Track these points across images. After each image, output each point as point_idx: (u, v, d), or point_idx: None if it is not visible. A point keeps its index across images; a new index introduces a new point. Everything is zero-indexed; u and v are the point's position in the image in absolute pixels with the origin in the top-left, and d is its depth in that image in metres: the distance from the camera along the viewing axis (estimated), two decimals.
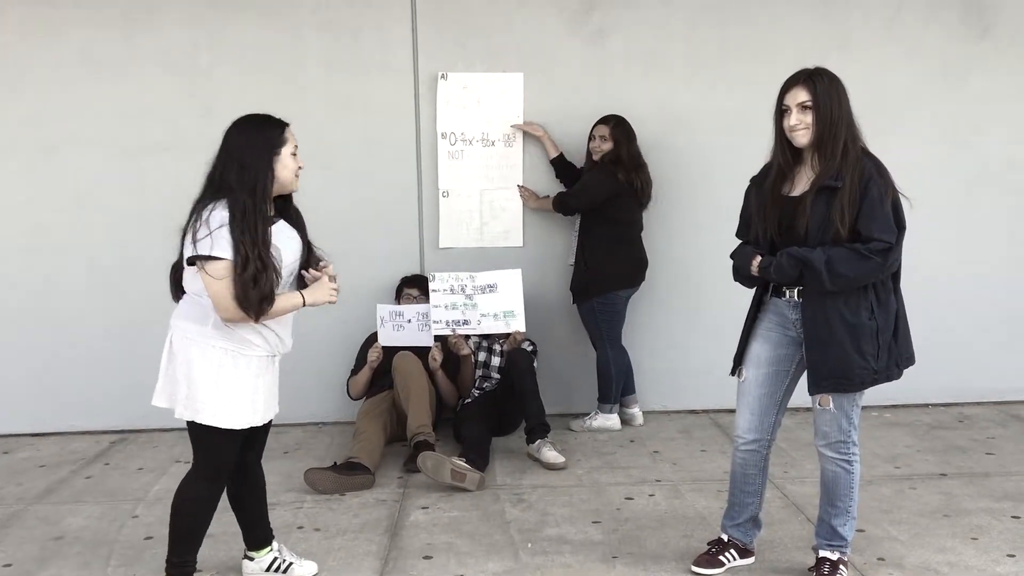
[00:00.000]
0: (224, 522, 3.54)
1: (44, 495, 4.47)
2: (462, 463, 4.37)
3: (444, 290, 4.99)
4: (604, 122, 5.23)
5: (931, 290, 5.58)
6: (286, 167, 3.10)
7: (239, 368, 3.07)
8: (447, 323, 5.00)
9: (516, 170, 5.58)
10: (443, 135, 5.53)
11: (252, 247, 2.95)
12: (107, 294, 5.46)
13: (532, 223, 5.63)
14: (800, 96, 3.09)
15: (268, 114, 3.16)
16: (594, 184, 5.19)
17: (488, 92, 5.51)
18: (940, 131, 5.67)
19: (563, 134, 5.47)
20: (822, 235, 3.07)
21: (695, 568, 3.44)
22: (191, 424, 3.09)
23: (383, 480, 4.54)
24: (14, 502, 4.36)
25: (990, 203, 5.74)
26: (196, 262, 2.96)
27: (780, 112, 3.15)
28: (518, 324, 5.01)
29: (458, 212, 5.59)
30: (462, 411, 5.09)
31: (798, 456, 4.78)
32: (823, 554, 3.31)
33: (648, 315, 5.65)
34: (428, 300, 5.05)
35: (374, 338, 5.19)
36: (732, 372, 3.41)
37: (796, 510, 4.07)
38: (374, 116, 5.48)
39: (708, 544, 3.53)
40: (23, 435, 5.46)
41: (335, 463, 4.51)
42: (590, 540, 3.79)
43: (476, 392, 5.21)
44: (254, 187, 3.00)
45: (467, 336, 5.14)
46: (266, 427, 3.30)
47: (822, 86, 3.09)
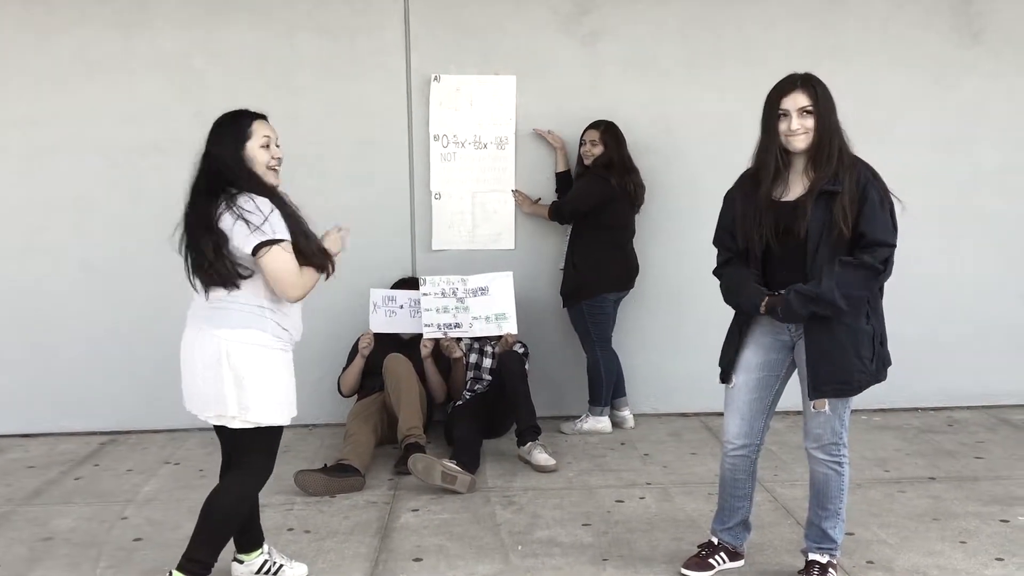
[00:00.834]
0: None
1: (33, 496, 4.45)
2: (453, 465, 4.37)
3: (435, 294, 5.00)
4: (594, 127, 5.24)
5: (922, 294, 5.61)
6: (253, 161, 3.08)
7: (286, 362, 3.18)
8: (439, 326, 5.00)
9: (508, 173, 5.59)
10: (435, 137, 5.53)
11: (297, 224, 3.07)
12: (100, 296, 5.45)
13: (524, 226, 5.63)
14: (801, 101, 3.09)
15: (241, 109, 3.16)
16: (587, 190, 5.19)
17: (481, 94, 5.52)
18: (932, 136, 5.69)
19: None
20: (823, 238, 3.08)
21: (685, 571, 3.44)
22: (253, 429, 3.10)
23: (373, 482, 4.53)
24: (3, 503, 4.35)
25: (982, 208, 5.76)
26: (256, 251, 2.96)
27: (775, 116, 3.14)
28: (510, 327, 5.01)
29: (450, 214, 5.59)
30: (453, 413, 5.09)
31: (788, 459, 4.79)
32: (813, 557, 3.32)
33: (639, 318, 5.66)
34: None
35: None
36: (722, 380, 3.39)
37: (786, 513, 4.08)
38: (367, 118, 5.49)
39: (698, 547, 3.54)
40: (12, 436, 5.44)
41: (325, 465, 4.51)
42: (580, 542, 3.79)
43: (467, 394, 5.21)
44: (253, 179, 3.04)
45: (458, 339, 5.14)
46: None
47: (820, 91, 3.11)
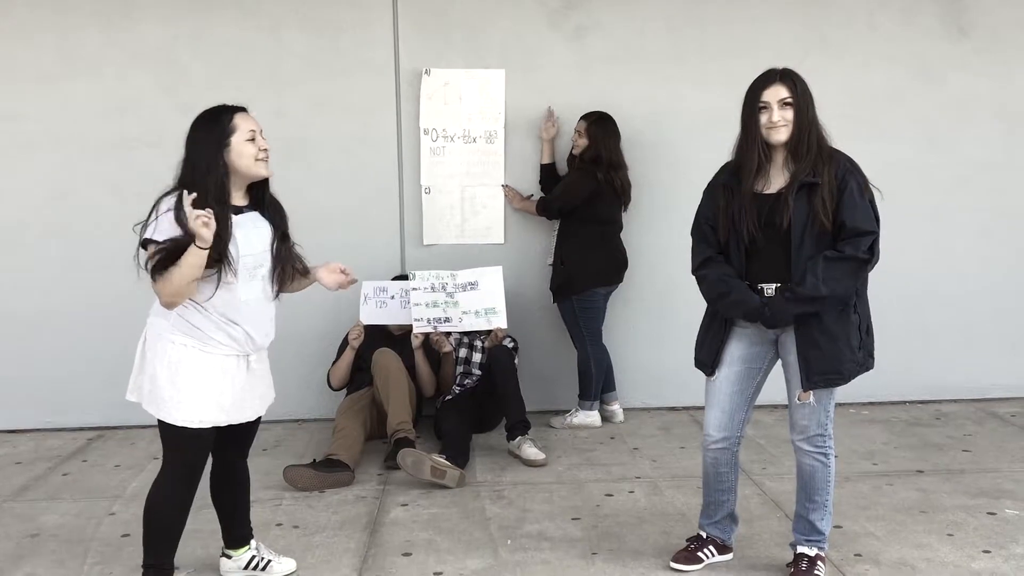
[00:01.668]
0: (200, 519, 3.52)
1: (20, 492, 4.43)
2: (442, 460, 4.37)
3: (425, 288, 4.99)
4: (584, 118, 5.24)
5: (909, 288, 5.63)
6: (241, 155, 3.00)
7: (201, 365, 3.00)
8: (428, 320, 5.00)
9: (498, 167, 5.58)
10: (425, 131, 5.52)
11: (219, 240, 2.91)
12: (85, 291, 5.42)
13: (514, 220, 5.63)
14: (781, 93, 3.12)
15: (221, 104, 3.08)
16: (574, 185, 5.19)
17: (470, 88, 5.51)
18: (918, 130, 5.71)
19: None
20: (806, 229, 3.10)
21: (674, 564, 3.45)
22: (160, 423, 3.04)
23: (363, 477, 4.53)
24: None
25: (968, 202, 5.79)
26: (146, 247, 2.94)
27: (756, 109, 3.15)
28: (499, 321, 5.01)
29: (440, 209, 5.58)
30: (442, 408, 5.09)
31: (776, 453, 4.80)
32: (801, 550, 3.33)
33: (628, 313, 5.66)
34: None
35: None
36: (710, 374, 3.37)
37: (774, 506, 4.09)
38: (355, 113, 5.47)
39: (687, 540, 3.54)
40: None
41: (314, 460, 4.50)
42: (570, 537, 3.79)
43: (457, 389, 5.21)
44: (206, 184, 2.93)
45: (448, 333, 5.13)
46: (248, 426, 3.26)
47: (800, 85, 3.15)
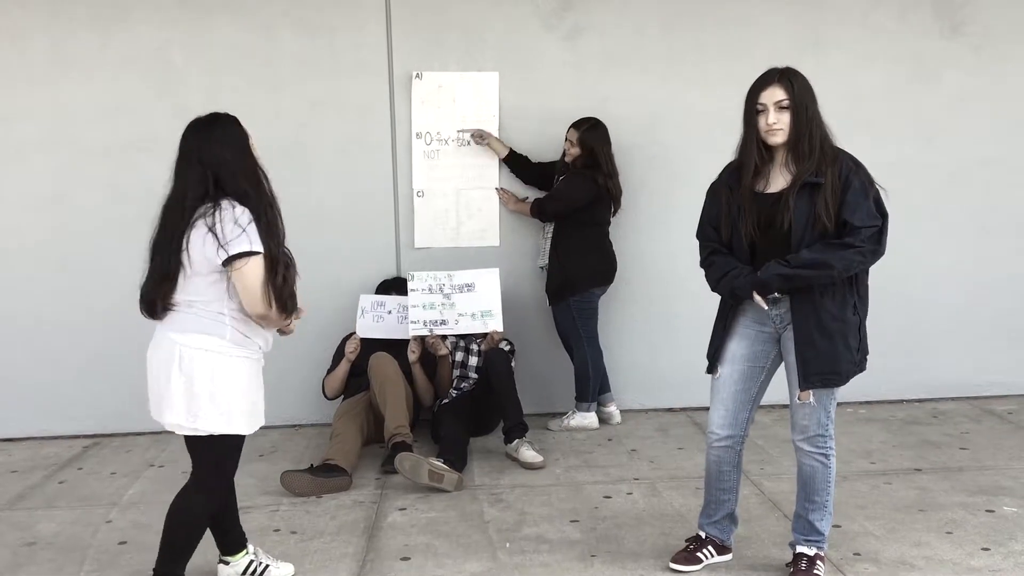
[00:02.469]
0: None
1: (16, 501, 4.41)
2: (440, 464, 4.36)
3: (423, 290, 4.99)
4: (575, 126, 5.22)
5: (905, 286, 5.63)
6: (258, 159, 3.10)
7: (253, 373, 3.13)
8: (425, 323, 5.00)
9: (492, 169, 5.57)
10: (418, 135, 5.51)
11: (277, 247, 3.01)
12: (80, 297, 5.40)
13: (508, 222, 5.62)
14: (778, 95, 3.10)
15: (215, 112, 3.11)
16: (574, 190, 5.18)
17: (463, 91, 5.50)
18: (914, 129, 5.71)
19: (538, 133, 5.47)
20: (807, 230, 3.09)
21: (673, 565, 3.44)
22: (209, 439, 3.04)
23: (360, 482, 4.51)
24: None
25: (964, 199, 5.79)
26: (231, 262, 2.93)
27: (754, 111, 3.15)
28: (495, 324, 5.00)
29: (434, 212, 5.57)
30: (439, 411, 5.08)
31: (775, 453, 4.79)
32: (800, 550, 3.33)
33: (624, 314, 5.66)
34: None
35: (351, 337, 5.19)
36: (708, 371, 3.41)
37: (773, 506, 4.09)
38: (349, 116, 5.46)
39: (686, 541, 3.54)
40: None
41: (311, 465, 4.48)
42: (568, 539, 3.78)
43: (454, 392, 5.19)
44: (258, 186, 3.01)
45: (444, 336, 5.12)
46: None
47: (798, 85, 3.12)
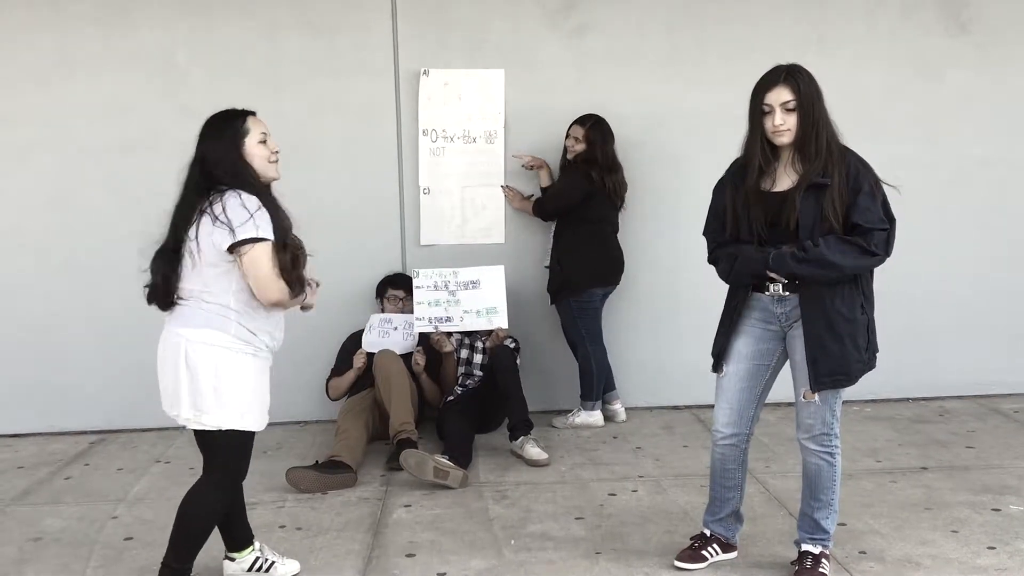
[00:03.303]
0: None
1: (23, 496, 4.42)
2: (445, 461, 4.36)
3: (428, 287, 5.01)
4: (580, 123, 5.22)
5: (910, 285, 5.61)
6: (254, 157, 3.08)
7: (259, 369, 3.12)
8: (430, 320, 5.00)
9: (498, 167, 5.57)
10: (424, 132, 5.51)
11: (284, 232, 3.03)
12: (85, 294, 5.41)
13: (514, 220, 5.62)
14: (784, 96, 3.07)
15: (229, 108, 3.15)
16: (569, 186, 5.19)
17: (469, 88, 5.50)
18: (917, 128, 5.70)
19: (543, 131, 5.46)
20: (814, 230, 3.07)
21: (678, 563, 3.44)
22: (217, 435, 3.05)
23: (365, 478, 4.52)
24: None
25: (968, 198, 5.78)
26: (237, 248, 2.93)
27: (760, 111, 3.13)
28: (500, 320, 5.01)
29: (439, 209, 5.58)
30: (445, 409, 5.08)
31: (780, 451, 4.79)
32: (805, 548, 3.32)
33: (630, 312, 5.66)
34: (412, 300, 5.06)
35: (356, 338, 5.20)
36: (714, 369, 3.40)
37: (778, 504, 4.08)
38: (354, 114, 5.46)
39: (691, 539, 3.54)
40: (2, 436, 5.41)
41: (317, 462, 4.49)
42: (573, 536, 3.79)
43: (459, 390, 5.20)
44: (250, 181, 3.02)
45: (449, 333, 5.13)
46: None
47: (804, 85, 3.09)
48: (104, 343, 5.41)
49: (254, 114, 3.16)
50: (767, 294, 3.22)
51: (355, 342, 5.20)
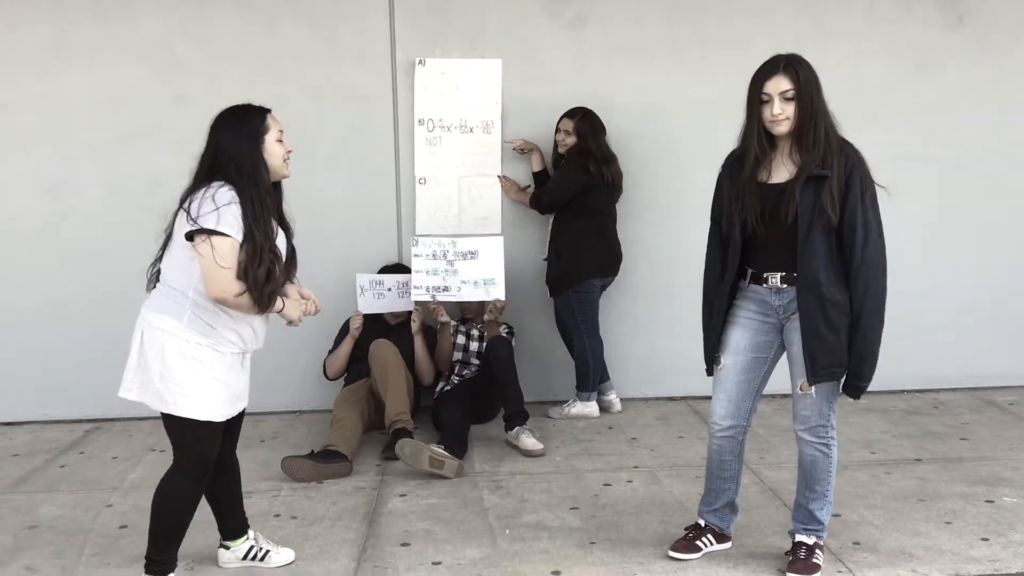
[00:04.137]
0: (199, 511, 3.49)
1: (17, 484, 4.42)
2: (440, 450, 4.37)
3: (427, 255, 5.02)
4: (569, 116, 5.21)
5: (906, 277, 5.56)
6: (272, 155, 3.08)
7: (216, 362, 3.04)
8: (427, 289, 5.02)
9: (495, 157, 5.56)
10: (420, 122, 5.51)
11: (265, 239, 2.97)
12: (82, 283, 5.40)
13: (510, 210, 5.62)
14: (783, 85, 3.05)
15: (248, 103, 3.13)
16: (566, 179, 5.18)
17: (466, 78, 5.49)
18: (917, 121, 5.70)
19: (541, 122, 5.44)
20: (812, 222, 3.06)
21: (672, 553, 3.44)
22: (169, 420, 3.05)
23: (361, 468, 4.52)
24: None
25: (965, 192, 5.78)
26: (194, 237, 2.91)
27: (758, 100, 3.11)
28: (498, 292, 5.02)
29: (436, 199, 5.57)
30: (440, 398, 5.09)
31: (775, 442, 4.80)
32: (800, 538, 3.33)
33: (626, 303, 5.66)
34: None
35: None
36: (708, 372, 3.37)
37: (773, 495, 4.09)
38: (351, 104, 5.45)
39: (685, 529, 3.54)
40: None
41: (312, 451, 4.49)
42: (568, 526, 3.79)
43: (455, 379, 5.20)
44: (255, 180, 3.00)
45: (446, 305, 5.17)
46: (239, 418, 3.28)
47: (803, 74, 3.07)
48: (99, 331, 5.39)
49: (271, 111, 3.14)
50: (765, 286, 3.22)
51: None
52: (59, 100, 5.32)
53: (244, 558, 3.41)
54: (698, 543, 3.46)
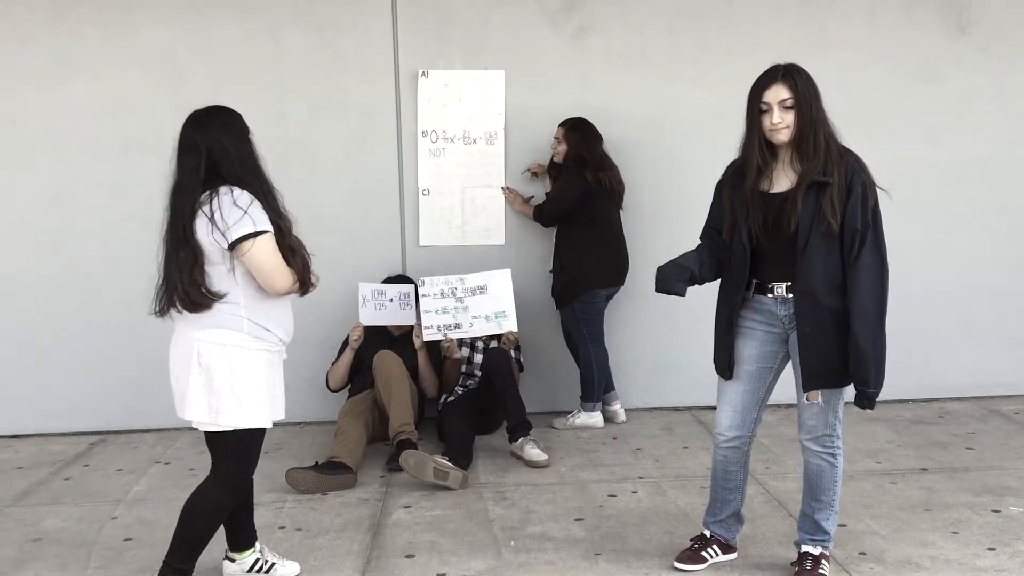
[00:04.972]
0: None
1: (22, 497, 4.42)
2: (445, 461, 4.36)
3: (434, 295, 4.99)
4: (561, 125, 5.24)
5: (911, 286, 5.60)
6: (256, 156, 3.12)
7: (269, 365, 3.12)
8: (439, 328, 4.99)
9: (498, 168, 5.57)
10: (424, 133, 5.52)
11: (288, 226, 3.07)
12: (86, 295, 5.41)
13: (514, 221, 5.62)
14: (782, 94, 3.07)
15: (217, 104, 3.16)
16: (565, 188, 5.19)
17: (469, 89, 5.50)
18: (918, 128, 5.70)
19: (543, 132, 5.44)
20: (812, 230, 3.06)
21: (678, 564, 3.44)
22: (226, 433, 3.05)
23: (365, 479, 4.52)
24: None
25: (968, 199, 5.78)
26: (237, 246, 2.93)
27: (757, 109, 3.12)
28: (510, 324, 5.00)
29: (439, 210, 5.58)
30: (445, 409, 5.08)
31: (780, 452, 4.79)
32: (805, 549, 3.32)
33: (630, 312, 5.65)
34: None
35: None
36: (728, 377, 3.32)
37: (778, 505, 4.08)
38: (354, 115, 5.47)
39: (691, 540, 3.53)
40: (1, 437, 5.41)
41: (317, 462, 4.49)
42: (573, 537, 3.78)
43: (459, 390, 5.20)
44: (260, 175, 3.05)
45: (461, 341, 5.14)
46: None
47: (802, 83, 3.08)
48: (105, 344, 5.41)
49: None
50: (771, 296, 3.22)
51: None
52: (62, 110, 5.33)
53: (250, 571, 3.41)
54: (703, 554, 3.45)
